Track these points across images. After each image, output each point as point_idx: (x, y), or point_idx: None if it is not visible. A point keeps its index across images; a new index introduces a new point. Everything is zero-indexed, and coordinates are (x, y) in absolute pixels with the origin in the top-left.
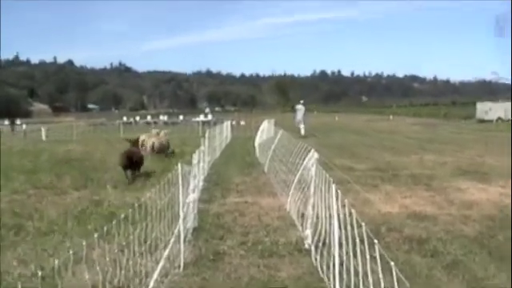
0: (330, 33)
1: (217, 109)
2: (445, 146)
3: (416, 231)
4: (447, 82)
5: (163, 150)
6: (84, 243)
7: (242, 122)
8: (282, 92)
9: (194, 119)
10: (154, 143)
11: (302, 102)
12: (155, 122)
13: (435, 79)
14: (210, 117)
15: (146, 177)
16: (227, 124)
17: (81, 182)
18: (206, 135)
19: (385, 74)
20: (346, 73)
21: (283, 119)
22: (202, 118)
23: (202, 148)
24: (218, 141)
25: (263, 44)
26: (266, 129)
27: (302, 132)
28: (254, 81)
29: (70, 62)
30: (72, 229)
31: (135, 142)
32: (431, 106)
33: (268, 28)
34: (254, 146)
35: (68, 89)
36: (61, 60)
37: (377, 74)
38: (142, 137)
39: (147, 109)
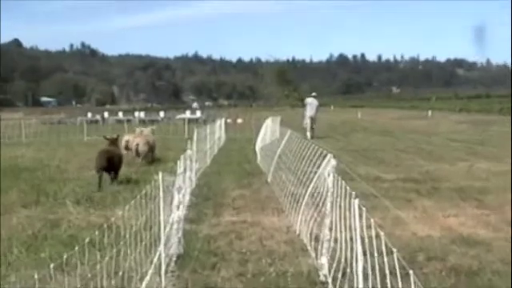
0: (351, 7)
1: (207, 103)
2: (501, 151)
3: (464, 260)
4: (505, 67)
5: (151, 152)
6: (36, 276)
7: (239, 120)
8: (288, 82)
9: (178, 116)
10: (138, 144)
11: (314, 94)
12: (129, 120)
13: (488, 64)
14: (198, 113)
15: (117, 188)
16: (220, 122)
17: (32, 198)
18: (194, 137)
19: (422, 58)
20: (371, 57)
21: (292, 116)
22: (188, 114)
23: (188, 153)
24: (208, 144)
25: (268, 21)
26: (269, 129)
27: (310, 134)
28: (255, 68)
29: (17, 42)
30: (19, 258)
31: (114, 141)
32: (483, 99)
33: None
34: (254, 151)
35: (14, 77)
36: (4, 39)
37: (411, 58)
38: (126, 137)
39: (118, 103)
